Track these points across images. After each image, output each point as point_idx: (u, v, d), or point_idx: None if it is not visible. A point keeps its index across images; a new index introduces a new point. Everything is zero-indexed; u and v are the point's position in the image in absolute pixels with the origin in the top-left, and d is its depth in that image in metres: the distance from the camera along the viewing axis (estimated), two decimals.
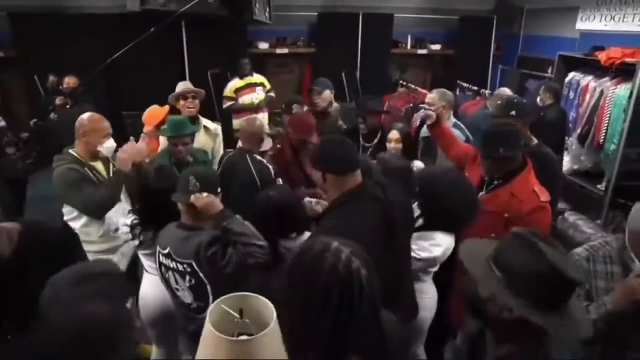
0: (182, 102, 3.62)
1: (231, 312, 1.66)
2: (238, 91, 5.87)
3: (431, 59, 7.81)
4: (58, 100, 5.04)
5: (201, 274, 2.06)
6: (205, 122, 3.92)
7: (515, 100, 3.18)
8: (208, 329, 1.57)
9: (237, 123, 5.84)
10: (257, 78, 5.98)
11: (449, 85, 4.85)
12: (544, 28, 6.71)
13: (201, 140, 3.69)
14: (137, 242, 2.46)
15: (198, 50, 6.53)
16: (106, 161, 3.00)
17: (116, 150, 2.92)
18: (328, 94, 4.25)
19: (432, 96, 3.64)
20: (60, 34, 6.05)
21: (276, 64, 7.56)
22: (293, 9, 6.99)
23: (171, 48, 6.46)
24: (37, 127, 4.99)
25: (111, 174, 2.94)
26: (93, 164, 2.90)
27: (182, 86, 3.65)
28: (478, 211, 2.27)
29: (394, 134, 3.42)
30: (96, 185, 2.80)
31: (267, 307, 1.78)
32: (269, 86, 6.06)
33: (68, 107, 4.92)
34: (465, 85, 6.07)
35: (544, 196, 2.45)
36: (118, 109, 5.58)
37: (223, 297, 1.75)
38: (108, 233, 2.86)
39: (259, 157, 3.15)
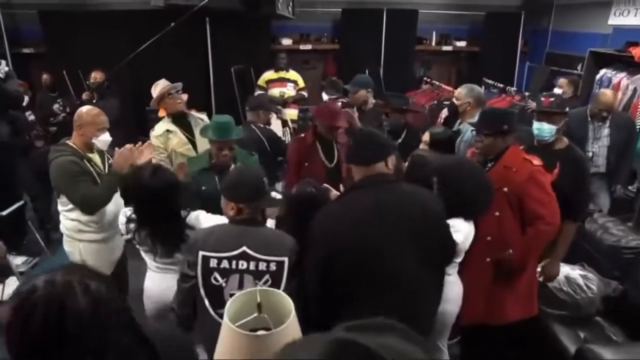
0: (169, 101, 3.43)
1: (249, 306, 1.66)
2: (269, 82, 5.99)
3: (456, 55, 7.69)
4: (84, 95, 5.13)
5: (285, 273, 2.01)
6: (195, 114, 3.81)
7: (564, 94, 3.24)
8: (226, 324, 1.57)
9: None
10: (291, 74, 6.06)
11: (474, 82, 4.74)
12: (574, 23, 6.52)
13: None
14: (128, 236, 2.44)
15: (221, 46, 6.56)
16: (102, 153, 3.01)
17: (113, 147, 2.93)
18: (362, 94, 4.18)
19: (459, 90, 3.59)
20: (87, 30, 6.18)
21: (299, 60, 7.53)
22: (317, 5, 6.99)
23: (195, 44, 6.51)
24: (65, 120, 5.09)
25: (106, 167, 2.96)
26: (90, 155, 2.91)
27: (162, 84, 3.49)
28: (493, 197, 2.32)
29: (426, 136, 3.31)
30: (93, 179, 2.81)
31: (285, 302, 1.77)
32: (302, 84, 6.11)
33: (94, 101, 4.99)
34: (490, 82, 5.95)
35: (536, 160, 2.55)
36: (142, 104, 5.65)
37: (241, 292, 1.75)
38: (104, 223, 2.90)
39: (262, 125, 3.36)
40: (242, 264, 2.00)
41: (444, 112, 4.95)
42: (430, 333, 2.22)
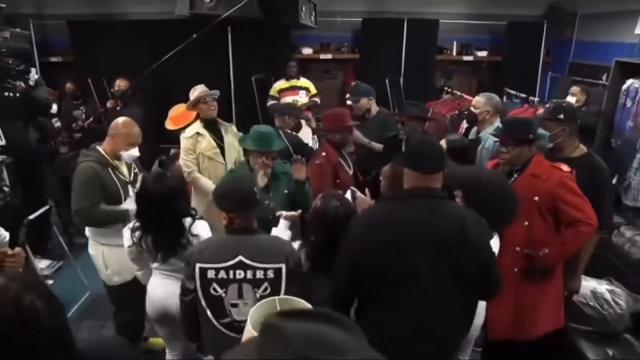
0: (202, 106, 3.58)
1: (271, 314, 1.65)
2: (281, 92, 5.98)
3: (477, 65, 7.62)
4: (108, 103, 5.21)
5: (284, 279, 2.02)
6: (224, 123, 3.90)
7: (564, 105, 3.23)
8: (249, 331, 1.55)
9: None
10: (303, 82, 6.06)
11: (495, 92, 4.67)
12: (599, 33, 6.41)
13: (229, 140, 3.68)
14: (131, 244, 2.45)
15: (242, 55, 6.61)
16: (129, 163, 3.05)
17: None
18: (364, 102, 4.16)
19: (477, 98, 3.57)
20: (113, 39, 6.30)
21: (319, 69, 7.57)
22: (337, 15, 7.00)
23: (217, 53, 6.58)
24: (90, 127, 5.18)
25: (132, 175, 3.02)
26: (117, 163, 2.96)
27: (200, 89, 3.62)
28: (519, 207, 2.30)
29: (442, 142, 3.31)
30: (111, 189, 2.85)
31: (305, 307, 1.75)
32: (314, 91, 6.10)
33: (118, 108, 5.07)
34: (512, 92, 5.87)
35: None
36: (164, 111, 5.72)
37: (263, 300, 1.73)
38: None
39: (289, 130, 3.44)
40: (240, 273, 2.01)
41: (465, 122, 4.91)
42: (454, 354, 2.14)
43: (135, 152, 2.94)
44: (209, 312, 2.05)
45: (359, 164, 3.67)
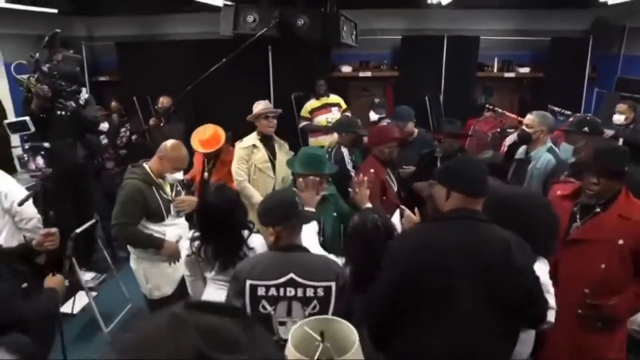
0: (263, 121, 3.67)
1: (313, 334, 1.62)
2: (314, 111, 6.01)
3: (519, 82, 7.46)
4: (151, 121, 5.37)
5: (333, 298, 2.00)
6: (279, 140, 3.96)
7: (588, 118, 3.18)
8: (290, 350, 1.53)
9: (312, 142, 6.03)
10: (333, 98, 6.07)
11: (539, 109, 4.55)
12: None
13: (281, 157, 3.75)
14: (190, 254, 2.48)
15: (282, 73, 6.73)
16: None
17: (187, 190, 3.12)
18: (410, 126, 4.20)
19: (531, 117, 3.43)
20: (158, 59, 6.53)
21: (359, 86, 7.58)
22: (377, 33, 7.01)
23: (257, 71, 6.71)
24: (136, 143, 5.34)
25: (174, 193, 3.09)
26: (161, 181, 3.03)
27: (263, 105, 3.71)
28: (558, 235, 2.16)
29: None
30: (152, 206, 2.92)
31: (350, 331, 1.71)
32: (344, 106, 6.11)
33: (161, 125, 5.21)
34: (557, 109, 5.69)
35: None
36: None
37: (305, 319, 1.71)
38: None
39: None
40: (290, 291, 1.99)
41: (508, 140, 4.78)
42: None
43: (179, 175, 3.04)
44: None
45: (400, 182, 3.65)
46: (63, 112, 4.13)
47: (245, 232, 2.48)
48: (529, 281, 1.79)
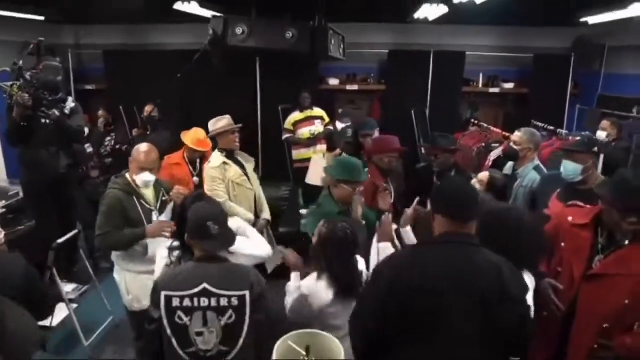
0: (230, 137, 3.60)
1: (297, 348, 1.60)
2: (297, 124, 6.03)
3: (503, 97, 7.57)
4: (134, 132, 5.34)
5: (248, 306, 2.00)
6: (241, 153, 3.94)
7: (594, 138, 3.15)
8: None
9: (295, 154, 6.09)
10: (317, 111, 6.10)
11: (522, 124, 4.63)
12: (628, 66, 6.30)
13: (249, 169, 3.74)
14: (170, 263, 2.44)
15: (270, 85, 6.75)
16: (158, 188, 3.08)
17: None
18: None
19: (519, 135, 3.43)
20: (146, 69, 6.48)
21: (346, 99, 7.63)
22: (364, 47, 7.07)
23: (246, 82, 6.72)
24: (120, 152, 5.29)
25: (159, 202, 3.04)
26: (144, 191, 2.99)
27: (227, 121, 3.66)
28: (545, 253, 2.16)
29: (484, 176, 3.18)
30: (133, 216, 2.89)
31: (335, 346, 1.70)
32: (327, 119, 6.14)
33: (148, 133, 5.17)
34: (540, 124, 5.78)
35: None
36: None
37: (290, 334, 1.70)
38: (150, 257, 2.91)
39: None
40: (204, 301, 2.00)
41: (493, 155, 4.83)
42: None
43: (145, 176, 2.94)
44: (174, 341, 2.02)
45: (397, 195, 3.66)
46: (47, 121, 4.07)
47: None
48: (523, 309, 1.76)
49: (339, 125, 5.72)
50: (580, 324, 2.17)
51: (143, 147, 3.02)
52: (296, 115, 6.07)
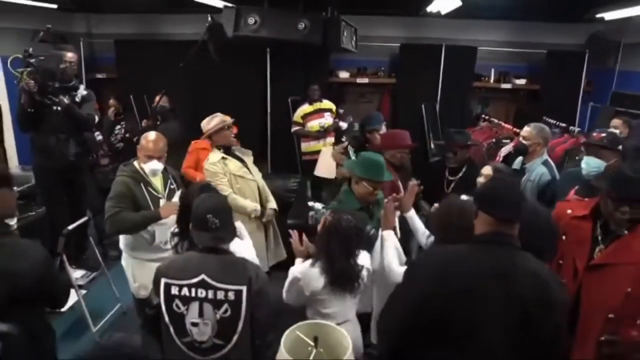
0: (226, 132, 3.63)
1: (306, 339, 1.60)
2: (306, 116, 6.02)
3: (515, 93, 7.49)
4: (143, 123, 5.35)
5: (244, 304, 1.98)
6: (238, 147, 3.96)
7: (618, 134, 3.17)
8: (282, 355, 1.51)
9: (304, 146, 6.09)
10: (326, 104, 6.09)
11: (534, 120, 4.59)
12: None
13: (248, 160, 3.76)
14: (170, 248, 2.53)
15: (280, 76, 6.73)
16: (166, 176, 3.11)
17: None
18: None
19: (528, 130, 3.43)
20: (157, 58, 6.48)
21: (356, 92, 7.60)
22: (375, 40, 7.02)
23: (256, 74, 6.71)
24: (130, 140, 5.31)
25: (167, 190, 3.06)
26: (152, 179, 3.01)
27: (220, 118, 3.65)
28: (557, 244, 2.10)
29: (487, 170, 3.20)
30: (141, 203, 2.92)
31: (343, 337, 1.69)
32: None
33: (158, 123, 5.18)
34: (551, 121, 5.72)
35: None
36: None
37: (298, 324, 1.69)
38: (157, 245, 2.98)
39: None
40: (201, 292, 1.99)
41: (504, 150, 4.79)
42: None
43: (153, 164, 2.96)
44: (171, 329, 2.04)
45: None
46: (57, 108, 4.09)
47: None
48: (563, 317, 1.70)
49: (343, 125, 5.75)
50: (586, 315, 2.17)
51: (151, 135, 3.05)
52: (305, 108, 6.06)
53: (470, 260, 1.71)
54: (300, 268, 2.40)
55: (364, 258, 2.44)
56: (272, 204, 3.81)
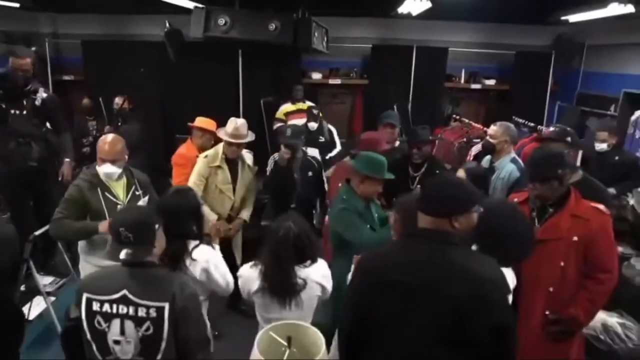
0: (233, 148, 3.59)
1: (279, 339, 1.61)
2: (288, 114, 6.05)
3: (485, 93, 7.67)
4: (105, 129, 5.23)
5: (166, 322, 1.90)
6: (246, 158, 3.95)
7: (568, 129, 3.32)
8: (255, 355, 1.52)
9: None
10: (308, 105, 6.07)
11: (503, 120, 4.70)
12: (607, 64, 6.43)
13: (244, 177, 3.75)
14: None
15: (252, 78, 6.72)
16: (129, 181, 2.97)
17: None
18: (397, 131, 4.31)
19: (495, 128, 3.51)
20: (125, 60, 6.37)
21: (328, 94, 7.65)
22: (347, 41, 7.08)
23: (227, 75, 6.67)
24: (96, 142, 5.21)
25: (128, 197, 2.92)
26: (112, 184, 2.89)
27: (233, 127, 3.55)
28: (533, 247, 2.15)
29: (460, 172, 3.20)
30: (94, 210, 2.81)
31: (317, 337, 1.71)
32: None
33: (119, 124, 5.11)
34: (520, 120, 5.88)
35: (604, 208, 2.45)
36: (171, 131, 5.74)
37: (272, 324, 1.70)
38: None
39: None
40: (123, 309, 1.92)
41: (474, 149, 4.90)
42: None
43: (106, 168, 2.83)
44: (94, 347, 1.96)
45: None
46: (16, 111, 3.98)
47: (192, 243, 2.42)
48: (503, 315, 1.62)
49: (314, 125, 5.74)
50: (528, 289, 2.37)
51: (108, 137, 2.94)
52: (288, 106, 6.11)
53: (398, 253, 1.75)
54: (244, 267, 2.43)
55: (314, 270, 2.38)
56: (246, 214, 3.82)
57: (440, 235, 1.68)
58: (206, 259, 2.40)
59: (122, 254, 1.94)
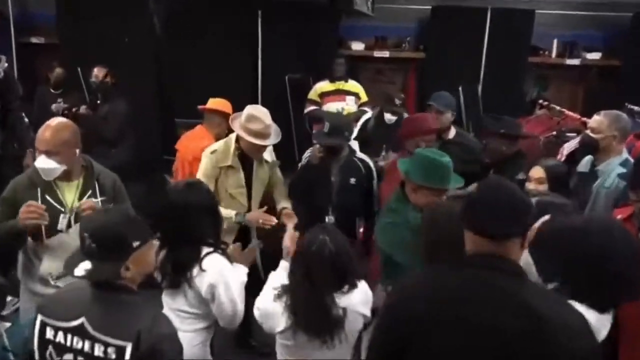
0: (253, 149, 3.58)
1: None
2: (324, 95, 6.03)
3: (585, 71, 7.55)
4: (82, 109, 5.37)
5: None
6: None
7: None
8: None
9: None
10: (351, 85, 6.10)
11: (611, 107, 4.62)
12: None
13: (260, 175, 3.75)
14: None
15: (275, 48, 6.73)
16: (87, 184, 2.88)
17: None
18: (448, 117, 4.24)
19: (599, 119, 3.39)
20: (110, 20, 6.38)
21: (372, 69, 7.64)
22: (399, 1, 7.08)
23: (243, 43, 6.70)
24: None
25: (80, 202, 2.81)
26: (62, 184, 2.83)
27: (259, 120, 3.52)
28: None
29: (537, 171, 3.24)
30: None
31: None
32: (365, 98, 6.11)
33: (98, 102, 5.22)
34: (636, 108, 5.74)
35: None
36: (170, 114, 5.84)
37: None
38: (43, 276, 2.81)
39: None
40: (77, 342, 1.91)
41: (567, 147, 4.81)
42: None
43: (41, 162, 2.71)
44: None
45: None
46: None
47: (204, 249, 2.49)
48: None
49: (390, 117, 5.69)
50: (630, 345, 2.31)
51: (54, 121, 2.84)
52: (324, 85, 6.08)
53: (441, 283, 1.78)
54: (261, 299, 2.46)
55: (355, 297, 2.40)
56: (285, 202, 3.83)
57: (498, 261, 1.69)
58: (217, 272, 2.45)
59: (78, 269, 1.91)
